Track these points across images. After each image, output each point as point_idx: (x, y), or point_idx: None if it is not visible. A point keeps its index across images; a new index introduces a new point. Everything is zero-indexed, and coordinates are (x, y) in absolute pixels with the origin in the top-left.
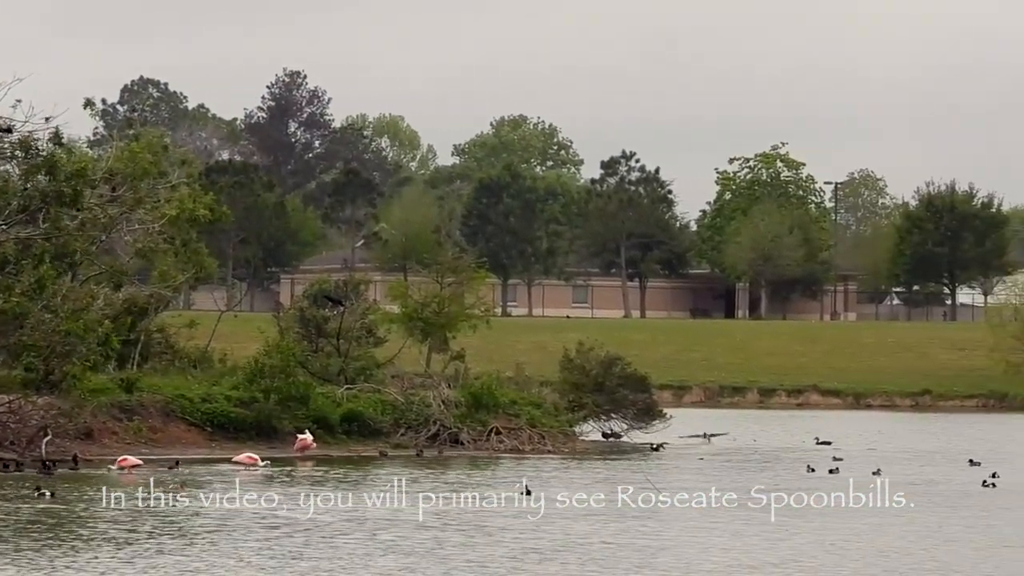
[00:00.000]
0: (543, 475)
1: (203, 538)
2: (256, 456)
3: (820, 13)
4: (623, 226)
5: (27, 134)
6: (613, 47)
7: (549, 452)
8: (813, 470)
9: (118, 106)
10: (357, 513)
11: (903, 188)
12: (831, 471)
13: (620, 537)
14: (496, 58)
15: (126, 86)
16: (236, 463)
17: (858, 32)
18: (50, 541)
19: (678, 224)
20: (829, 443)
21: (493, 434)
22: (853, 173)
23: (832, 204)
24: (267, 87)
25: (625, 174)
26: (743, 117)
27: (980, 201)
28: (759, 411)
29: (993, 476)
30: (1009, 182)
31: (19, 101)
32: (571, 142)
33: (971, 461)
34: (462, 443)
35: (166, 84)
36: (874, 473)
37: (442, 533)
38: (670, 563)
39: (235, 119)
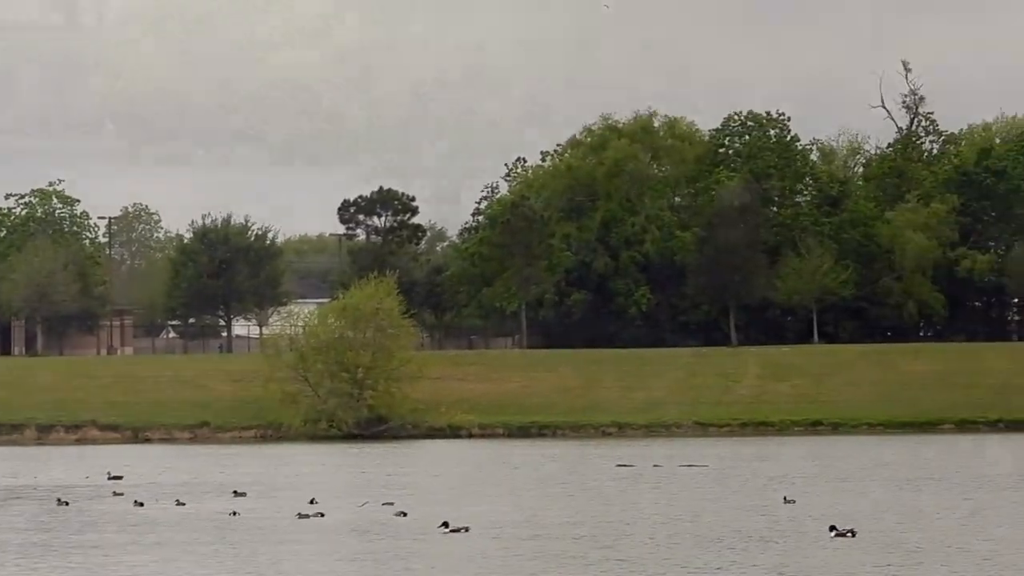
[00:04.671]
0: None
1: None
2: None
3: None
4: None
5: None
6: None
7: None
8: (67, 504)
9: None
10: None
11: (179, 222)
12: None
13: None
14: None
15: None
16: None
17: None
18: None
19: None
20: (121, 477)
21: None
22: (127, 207)
23: (106, 239)
24: None
25: None
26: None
27: (255, 233)
28: (38, 448)
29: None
30: (286, 216)
31: None
32: None
33: (236, 492)
34: None
35: None
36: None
37: None
38: None
39: None
